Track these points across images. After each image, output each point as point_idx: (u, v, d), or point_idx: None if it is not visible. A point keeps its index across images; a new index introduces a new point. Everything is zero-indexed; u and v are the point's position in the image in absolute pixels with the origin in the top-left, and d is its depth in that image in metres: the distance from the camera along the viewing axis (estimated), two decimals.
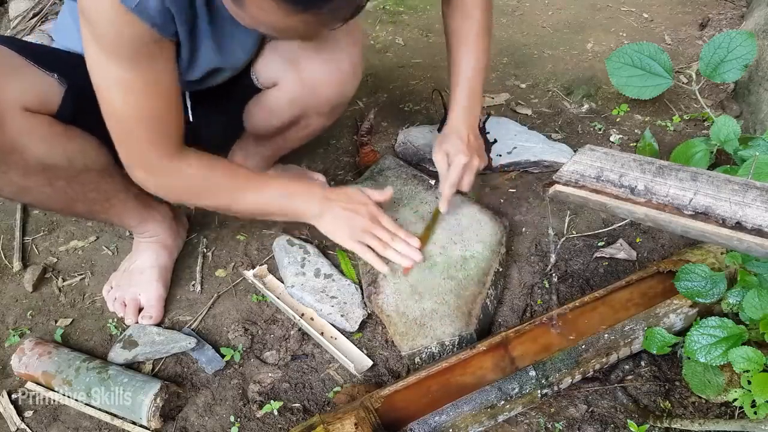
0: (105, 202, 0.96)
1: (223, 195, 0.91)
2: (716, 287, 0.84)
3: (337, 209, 0.96)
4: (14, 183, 0.82)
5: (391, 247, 0.98)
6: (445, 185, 1.05)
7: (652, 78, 1.26)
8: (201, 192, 0.91)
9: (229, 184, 0.91)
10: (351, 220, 0.96)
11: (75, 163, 0.86)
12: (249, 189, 0.92)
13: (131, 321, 1.02)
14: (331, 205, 0.96)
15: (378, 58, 1.77)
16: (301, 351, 0.99)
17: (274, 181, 0.97)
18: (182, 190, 0.90)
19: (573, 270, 1.09)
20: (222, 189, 0.91)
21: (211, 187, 0.90)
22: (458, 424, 0.81)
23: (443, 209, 1.08)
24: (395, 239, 0.98)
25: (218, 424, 0.90)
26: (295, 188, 0.96)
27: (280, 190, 0.95)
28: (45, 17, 1.94)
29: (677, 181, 0.69)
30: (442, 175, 1.07)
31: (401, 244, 0.98)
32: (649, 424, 0.84)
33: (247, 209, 0.94)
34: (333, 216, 0.96)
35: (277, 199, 0.94)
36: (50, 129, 0.82)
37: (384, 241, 0.98)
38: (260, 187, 0.93)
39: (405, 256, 0.98)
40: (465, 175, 1.04)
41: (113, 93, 0.77)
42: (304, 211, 0.96)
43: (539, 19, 1.92)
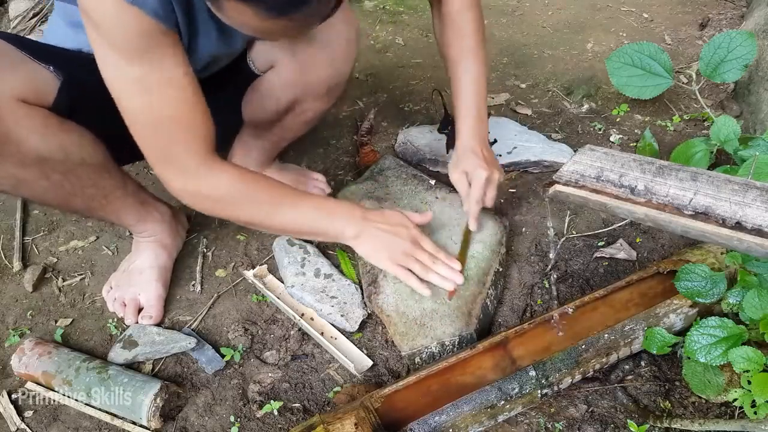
0: (103, 199, 0.95)
1: (261, 208, 0.89)
2: (716, 287, 0.84)
3: (377, 231, 0.93)
4: (11, 175, 0.82)
5: (433, 270, 0.95)
6: (471, 203, 1.03)
7: (652, 78, 1.26)
8: (235, 203, 0.87)
9: (269, 197, 0.88)
10: (391, 242, 0.93)
11: (71, 156, 0.85)
12: (287, 204, 0.90)
13: (131, 321, 1.02)
14: (371, 226, 0.93)
15: (378, 58, 1.77)
16: (301, 351, 0.99)
17: (313, 198, 0.95)
18: (214, 199, 0.86)
19: (573, 270, 1.09)
20: (260, 202, 0.88)
21: (249, 199, 0.87)
22: (458, 424, 0.81)
23: (473, 227, 1.05)
24: (436, 262, 0.95)
25: (218, 424, 0.90)
26: (334, 207, 0.94)
27: (319, 208, 0.92)
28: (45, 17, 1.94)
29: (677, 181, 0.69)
30: (463, 194, 1.06)
31: (443, 267, 0.95)
32: (649, 424, 0.84)
33: (283, 225, 0.92)
34: (372, 238, 0.93)
35: (316, 218, 0.92)
36: (46, 121, 0.81)
37: (426, 264, 0.95)
38: (299, 204, 0.91)
39: (447, 280, 0.95)
40: (488, 190, 1.03)
41: (133, 95, 0.76)
42: (343, 232, 0.93)
43: (539, 19, 1.92)
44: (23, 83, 0.78)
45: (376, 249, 0.94)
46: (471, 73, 1.05)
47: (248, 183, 0.87)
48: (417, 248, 0.95)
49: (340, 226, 0.92)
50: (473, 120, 1.06)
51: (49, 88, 0.82)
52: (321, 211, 0.92)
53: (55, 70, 0.82)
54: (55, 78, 0.82)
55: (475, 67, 1.05)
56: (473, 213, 1.04)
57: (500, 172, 1.06)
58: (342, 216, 0.93)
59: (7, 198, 1.32)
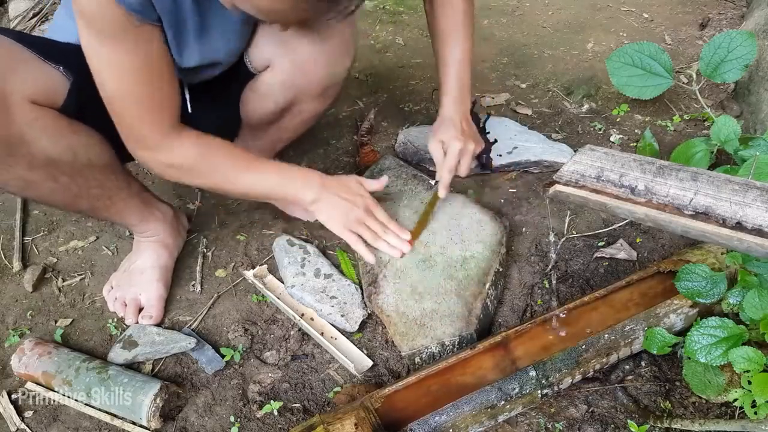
0: (107, 199, 0.96)
1: (220, 174, 0.92)
2: (716, 287, 0.84)
3: (334, 198, 0.98)
4: (20, 177, 0.83)
5: (383, 239, 1.01)
6: (443, 171, 1.07)
7: (653, 78, 1.26)
8: (199, 170, 0.91)
9: (228, 163, 0.92)
10: (346, 209, 0.99)
11: (79, 157, 0.86)
12: (247, 169, 0.94)
13: (131, 321, 1.02)
14: (328, 192, 0.98)
15: (378, 58, 1.77)
16: (301, 351, 0.99)
17: (272, 164, 0.99)
18: (180, 167, 0.90)
19: (573, 270, 1.09)
20: (220, 168, 0.92)
21: (209, 166, 0.91)
22: (458, 424, 0.81)
23: (442, 194, 1.09)
24: (387, 232, 1.02)
25: (218, 424, 0.90)
26: (292, 173, 0.98)
27: (277, 173, 0.96)
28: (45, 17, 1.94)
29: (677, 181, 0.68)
30: (438, 161, 1.09)
31: (392, 236, 1.02)
32: (650, 425, 0.84)
33: (245, 189, 0.96)
34: (329, 204, 0.98)
35: (276, 182, 0.96)
36: (56, 122, 0.82)
37: (376, 232, 1.01)
38: (258, 169, 0.95)
39: (394, 248, 1.01)
40: (462, 159, 1.07)
41: (107, 74, 0.79)
42: (301, 196, 0.97)
43: (539, 19, 1.92)
44: (34, 85, 0.79)
45: (331, 215, 0.99)
46: (458, 48, 1.07)
47: (210, 150, 0.91)
48: (369, 216, 1.01)
49: (299, 191, 0.97)
50: (456, 92, 1.09)
51: (60, 90, 0.82)
52: (281, 176, 0.96)
53: (64, 71, 0.82)
54: (64, 79, 0.82)
55: (461, 43, 1.07)
56: (444, 180, 1.08)
57: (477, 143, 1.10)
58: (300, 181, 0.97)
59: (7, 198, 1.32)
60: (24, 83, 0.77)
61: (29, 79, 0.78)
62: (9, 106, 0.76)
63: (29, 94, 0.78)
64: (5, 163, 0.80)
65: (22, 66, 0.78)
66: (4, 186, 0.84)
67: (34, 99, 0.79)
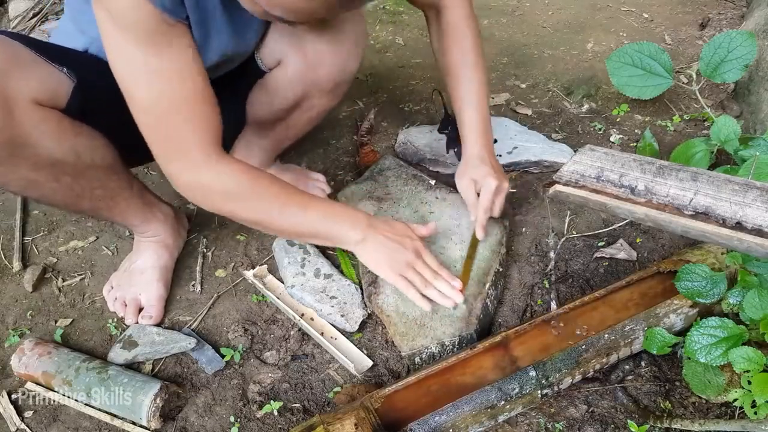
0: (110, 200, 0.96)
1: (267, 207, 0.87)
2: (716, 287, 0.84)
3: (381, 239, 0.92)
4: (23, 177, 0.82)
5: (433, 286, 0.93)
6: (480, 212, 1.03)
7: (653, 78, 1.26)
8: (241, 199, 0.85)
9: (276, 196, 0.86)
10: (395, 252, 0.92)
11: (83, 158, 0.86)
12: (294, 205, 0.88)
13: (131, 321, 1.02)
14: (375, 233, 0.92)
15: (378, 58, 1.77)
16: (301, 351, 0.99)
17: (319, 201, 0.94)
18: (221, 192, 0.84)
19: (573, 270, 1.09)
20: (267, 200, 0.86)
21: (256, 196, 0.85)
22: (458, 424, 0.81)
23: (480, 236, 1.04)
24: (438, 278, 0.94)
25: (218, 425, 0.90)
26: (340, 211, 0.93)
27: (325, 211, 0.91)
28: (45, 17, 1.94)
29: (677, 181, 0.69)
30: (470, 202, 1.06)
31: (443, 283, 0.94)
32: (650, 425, 0.84)
33: (288, 226, 0.90)
34: (376, 245, 0.92)
35: (321, 221, 0.90)
36: (59, 123, 0.82)
37: (427, 279, 0.94)
38: (305, 205, 0.89)
39: (447, 298, 0.93)
40: (496, 198, 1.03)
41: (140, 82, 0.75)
42: (347, 237, 0.92)
43: (539, 19, 1.92)
44: (39, 85, 0.78)
45: (379, 257, 0.93)
46: (474, 82, 1.06)
47: (256, 180, 0.85)
48: (419, 261, 0.94)
49: (344, 231, 0.92)
50: (479, 128, 1.06)
51: (63, 91, 0.82)
52: (327, 215, 0.91)
53: (68, 72, 0.82)
54: (68, 80, 0.82)
55: (477, 77, 1.06)
56: (481, 221, 1.03)
57: (508, 182, 1.06)
58: (347, 221, 0.92)
59: (7, 198, 1.32)
60: (28, 84, 0.77)
61: (33, 80, 0.78)
62: (13, 107, 0.75)
63: (33, 95, 0.78)
64: (9, 164, 0.79)
65: (26, 67, 0.78)
66: (6, 186, 0.84)
67: (38, 100, 0.78)
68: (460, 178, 1.07)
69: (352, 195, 1.19)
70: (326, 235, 0.92)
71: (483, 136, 1.06)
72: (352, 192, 1.21)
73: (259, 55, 1.02)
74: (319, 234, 0.92)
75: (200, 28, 0.81)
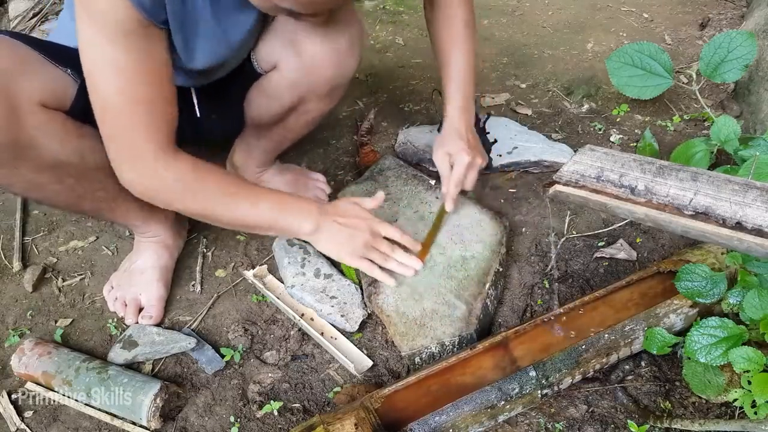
0: (111, 201, 0.96)
1: (213, 201, 0.87)
2: (716, 287, 0.84)
3: (335, 226, 0.93)
4: (26, 179, 0.82)
5: (393, 258, 0.97)
6: (450, 185, 1.05)
7: (653, 78, 1.26)
8: (191, 195, 0.86)
9: (222, 190, 0.87)
10: (351, 237, 0.94)
11: (86, 160, 0.86)
12: (242, 198, 0.88)
13: (131, 321, 1.02)
14: (328, 220, 0.93)
15: (378, 58, 1.77)
16: (301, 351, 0.99)
17: (268, 193, 0.93)
18: (171, 191, 0.85)
19: (573, 270, 1.09)
20: (213, 194, 0.86)
21: (202, 191, 0.86)
22: (458, 424, 0.81)
23: (449, 208, 1.08)
24: (395, 250, 0.97)
25: (218, 425, 0.90)
26: (290, 202, 0.93)
27: (275, 203, 0.91)
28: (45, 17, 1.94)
29: (677, 181, 0.68)
30: (444, 175, 1.07)
31: (401, 254, 0.98)
32: (650, 425, 0.84)
33: (236, 220, 0.90)
34: (331, 233, 0.93)
35: (272, 213, 0.90)
36: (64, 125, 0.82)
37: (385, 253, 0.96)
38: (253, 198, 0.89)
39: (406, 266, 0.98)
40: (468, 173, 1.05)
41: (104, 75, 0.75)
42: (298, 228, 0.92)
43: (539, 19, 1.92)
44: (44, 87, 0.78)
45: (337, 245, 0.94)
46: (461, 59, 1.07)
47: (203, 175, 0.85)
48: (376, 238, 0.96)
49: (297, 222, 0.92)
50: (461, 103, 1.07)
51: (68, 92, 0.82)
52: (278, 207, 0.91)
53: (72, 73, 0.82)
54: (72, 81, 0.82)
55: (465, 54, 1.07)
56: (452, 194, 1.06)
57: (483, 158, 1.08)
58: (298, 212, 0.92)
59: (7, 198, 1.32)
60: (33, 86, 0.77)
61: (38, 82, 0.78)
62: (18, 109, 0.75)
63: (38, 97, 0.77)
64: (13, 166, 0.79)
65: (31, 68, 0.78)
66: (10, 187, 0.84)
67: (43, 102, 0.78)
68: (437, 150, 1.08)
69: (352, 195, 1.19)
70: (279, 227, 0.92)
71: (463, 111, 1.08)
72: (352, 192, 1.21)
73: (255, 57, 1.02)
74: (272, 226, 0.92)
75: (184, 34, 0.81)
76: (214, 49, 0.88)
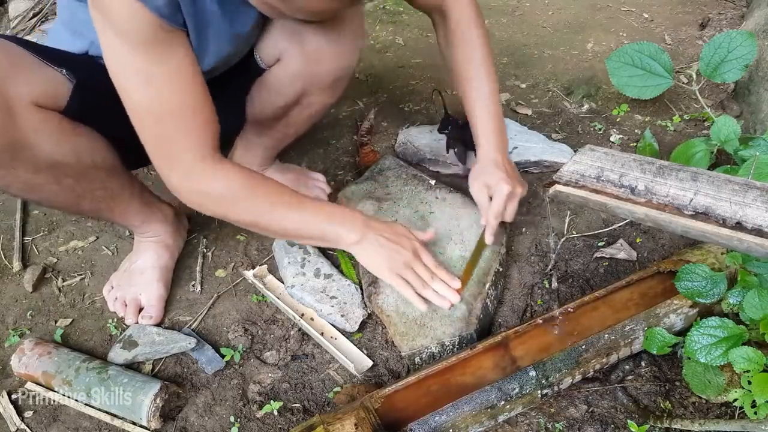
0: (111, 201, 0.96)
1: (261, 209, 0.87)
2: (716, 287, 0.84)
3: (380, 239, 0.92)
4: (23, 180, 0.82)
5: (430, 286, 0.93)
6: (491, 216, 1.02)
7: (653, 78, 1.26)
8: (239, 203, 0.85)
9: (270, 198, 0.86)
10: (393, 252, 0.92)
11: (83, 160, 0.86)
12: (289, 207, 0.87)
13: (131, 321, 1.02)
14: (373, 234, 0.92)
15: (378, 58, 1.77)
16: (301, 351, 0.99)
17: (315, 202, 0.93)
18: (219, 198, 0.84)
19: (573, 270, 1.09)
20: (262, 202, 0.86)
21: (250, 200, 0.85)
22: (458, 424, 0.81)
23: (489, 241, 1.03)
24: (435, 279, 0.94)
25: (218, 425, 0.90)
26: (336, 212, 0.93)
27: (321, 212, 0.91)
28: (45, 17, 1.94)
29: (677, 181, 0.69)
30: (483, 206, 1.04)
31: (440, 284, 0.94)
32: (650, 425, 0.84)
33: (284, 228, 0.89)
34: (373, 246, 0.92)
35: (318, 222, 0.90)
36: (59, 125, 0.82)
37: (424, 279, 0.93)
38: (301, 207, 0.89)
39: (443, 298, 0.93)
40: (509, 204, 1.02)
41: (135, 87, 0.75)
42: (344, 238, 0.91)
43: (539, 19, 1.92)
44: (38, 87, 0.78)
45: (376, 257, 0.92)
46: (486, 87, 1.05)
47: (250, 183, 0.85)
48: (417, 261, 0.93)
49: (341, 231, 0.91)
50: (493, 132, 1.05)
51: (62, 92, 0.82)
52: (323, 216, 0.91)
53: (67, 74, 0.82)
54: (67, 81, 0.82)
55: (488, 82, 1.05)
56: (491, 226, 1.02)
57: (522, 187, 1.04)
58: (344, 221, 0.92)
59: (7, 198, 1.32)
60: (28, 86, 0.77)
61: (33, 82, 0.78)
62: (14, 110, 0.75)
63: (33, 97, 0.77)
64: (10, 167, 0.79)
65: (26, 69, 0.78)
66: (8, 189, 0.84)
67: (37, 102, 0.78)
68: (474, 181, 1.05)
69: (352, 195, 1.19)
70: (323, 235, 0.92)
71: (497, 139, 1.05)
72: (352, 192, 1.21)
73: (258, 52, 1.02)
74: (316, 235, 0.92)
75: (198, 33, 0.81)
76: (221, 46, 0.88)
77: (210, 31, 0.83)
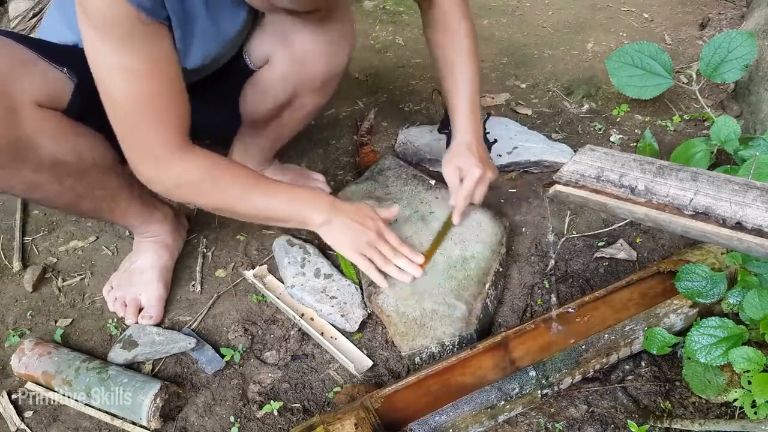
0: (111, 201, 0.96)
1: (229, 194, 0.89)
2: (716, 287, 0.84)
3: (345, 219, 0.95)
4: (25, 180, 0.82)
5: (393, 263, 0.98)
6: (459, 198, 1.05)
7: (653, 78, 1.26)
8: (207, 189, 0.88)
9: (237, 183, 0.89)
10: (357, 232, 0.95)
11: (84, 159, 0.86)
12: (257, 190, 0.90)
13: (131, 321, 1.02)
14: (339, 214, 0.95)
15: (378, 58, 1.77)
16: (301, 351, 0.99)
17: (282, 185, 0.96)
18: (188, 186, 0.87)
19: (573, 270, 1.09)
20: (229, 188, 0.89)
21: (218, 185, 0.88)
22: (458, 424, 0.81)
23: (456, 221, 1.08)
24: (398, 255, 0.98)
25: (218, 425, 0.90)
26: (302, 194, 0.95)
27: (287, 194, 0.93)
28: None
29: (677, 181, 0.68)
30: (453, 188, 1.07)
31: (402, 260, 0.98)
32: (650, 425, 0.84)
33: (252, 211, 0.92)
34: (340, 226, 0.95)
35: (284, 204, 0.92)
36: (61, 125, 0.82)
37: (386, 256, 0.97)
38: (268, 190, 0.92)
39: (404, 272, 0.98)
40: (478, 187, 1.05)
41: (113, 79, 0.76)
42: (311, 219, 0.94)
43: (539, 19, 1.92)
44: (40, 87, 0.78)
45: (342, 238, 0.95)
46: (466, 72, 1.07)
47: (218, 168, 0.88)
48: (380, 240, 0.97)
49: (308, 213, 0.94)
50: (469, 116, 1.07)
51: (64, 91, 0.82)
52: (290, 198, 0.93)
53: (68, 72, 0.82)
54: (69, 80, 0.82)
55: (469, 67, 1.07)
56: (460, 207, 1.07)
57: (493, 172, 1.08)
58: (311, 203, 0.94)
59: (7, 198, 1.32)
60: (30, 86, 0.77)
61: (35, 82, 0.78)
62: (16, 109, 0.75)
63: (35, 97, 0.77)
64: (12, 167, 0.79)
65: (28, 68, 0.78)
66: (10, 189, 0.84)
67: (39, 101, 0.78)
68: (446, 164, 1.08)
69: (352, 195, 1.19)
70: (290, 217, 0.94)
71: (471, 125, 1.07)
72: (352, 192, 1.21)
73: (246, 53, 1.02)
74: (284, 217, 0.94)
75: (182, 30, 0.81)
76: (207, 46, 0.88)
77: (196, 29, 0.83)
